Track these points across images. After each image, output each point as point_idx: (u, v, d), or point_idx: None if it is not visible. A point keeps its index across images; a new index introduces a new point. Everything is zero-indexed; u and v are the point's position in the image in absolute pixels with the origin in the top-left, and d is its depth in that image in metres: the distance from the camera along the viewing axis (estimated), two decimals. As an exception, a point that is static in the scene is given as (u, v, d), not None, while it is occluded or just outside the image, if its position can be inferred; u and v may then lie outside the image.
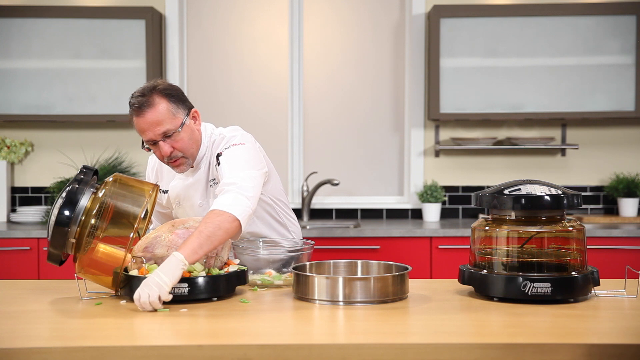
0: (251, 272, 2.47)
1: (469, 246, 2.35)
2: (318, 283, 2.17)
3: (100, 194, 2.20)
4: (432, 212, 4.56)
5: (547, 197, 2.19)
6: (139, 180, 2.33)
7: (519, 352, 1.74)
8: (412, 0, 4.66)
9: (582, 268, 2.22)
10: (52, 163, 4.72)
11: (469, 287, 2.34)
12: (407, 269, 2.26)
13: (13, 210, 4.66)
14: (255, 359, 1.74)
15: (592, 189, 4.72)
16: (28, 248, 4.11)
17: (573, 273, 2.18)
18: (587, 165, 4.71)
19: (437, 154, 4.71)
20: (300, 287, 2.21)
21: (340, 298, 2.14)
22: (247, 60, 4.84)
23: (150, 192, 2.28)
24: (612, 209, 4.71)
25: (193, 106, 2.55)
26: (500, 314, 2.05)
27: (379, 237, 4.16)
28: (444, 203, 4.72)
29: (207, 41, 4.83)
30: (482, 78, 4.45)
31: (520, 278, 2.14)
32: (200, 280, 2.18)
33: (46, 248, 2.33)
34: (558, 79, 4.43)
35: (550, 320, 1.98)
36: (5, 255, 4.12)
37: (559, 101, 4.44)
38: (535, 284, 2.12)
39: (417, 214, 4.74)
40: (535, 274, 2.16)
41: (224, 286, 2.23)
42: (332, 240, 4.13)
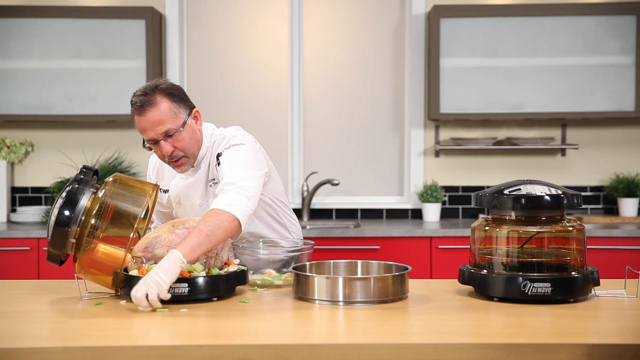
0: (251, 272, 2.47)
1: (469, 246, 2.35)
2: (318, 283, 2.17)
3: (100, 194, 2.20)
4: (432, 212, 4.56)
5: (547, 197, 2.19)
6: (139, 180, 2.33)
7: (519, 352, 1.74)
8: (412, 0, 4.66)
9: (582, 268, 2.22)
10: (52, 163, 4.72)
11: (469, 287, 2.34)
12: (407, 269, 2.26)
13: (13, 210, 4.66)
14: (255, 359, 1.73)
15: (592, 189, 4.72)
16: (28, 248, 4.11)
17: (573, 273, 2.18)
18: (587, 165, 4.71)
19: (437, 154, 4.71)
20: (300, 287, 2.21)
21: (340, 298, 2.14)
22: (247, 60, 4.84)
23: (150, 192, 2.28)
24: (612, 209, 4.71)
25: (195, 106, 2.56)
26: (500, 314, 2.05)
27: (379, 237, 4.16)
28: (444, 203, 4.72)
29: (207, 41, 4.83)
30: (482, 78, 4.45)
31: (520, 278, 2.14)
32: (200, 280, 2.18)
33: (46, 248, 2.33)
34: (558, 79, 4.43)
35: (550, 320, 1.98)
36: (5, 255, 4.12)
37: (559, 101, 4.44)
38: (535, 284, 2.12)
39: (417, 214, 4.74)
40: (535, 274, 2.16)
41: (224, 286, 2.23)
42: (332, 240, 4.13)
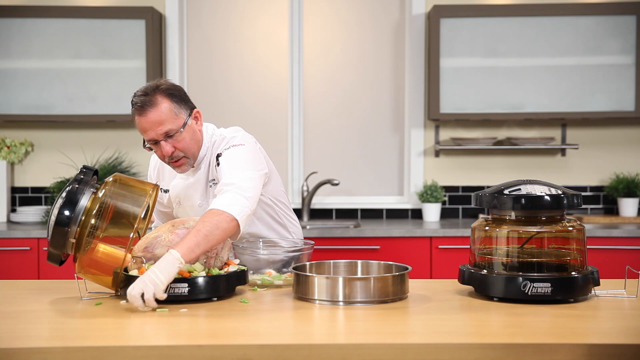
0: (251, 272, 2.47)
1: (469, 246, 2.35)
2: (318, 283, 2.17)
3: (100, 194, 2.20)
4: (432, 212, 4.56)
5: (547, 197, 2.19)
6: (139, 180, 2.33)
7: (519, 352, 1.74)
8: (412, 0, 4.66)
9: (582, 268, 2.22)
10: (52, 163, 4.72)
11: (469, 287, 2.34)
12: (407, 269, 2.26)
13: (13, 210, 4.66)
14: (255, 359, 1.73)
15: (592, 189, 4.72)
16: (28, 248, 4.11)
17: (573, 273, 2.18)
18: (587, 165, 4.71)
19: (437, 154, 4.71)
20: (300, 287, 2.21)
21: (340, 298, 2.14)
22: (247, 60, 4.84)
23: (150, 192, 2.28)
24: (612, 209, 4.71)
25: (195, 106, 2.56)
26: (500, 314, 2.05)
27: (379, 237, 4.16)
28: (444, 203, 4.72)
29: (207, 41, 4.83)
30: (482, 78, 4.45)
31: (520, 278, 2.14)
32: (200, 280, 2.18)
33: (46, 248, 2.33)
34: (558, 79, 4.43)
35: (550, 320, 1.98)
36: (5, 255, 4.12)
37: (559, 101, 4.44)
38: (535, 284, 2.12)
39: (417, 214, 4.74)
40: (535, 274, 2.16)
41: (224, 286, 2.23)
42: (332, 240, 4.13)
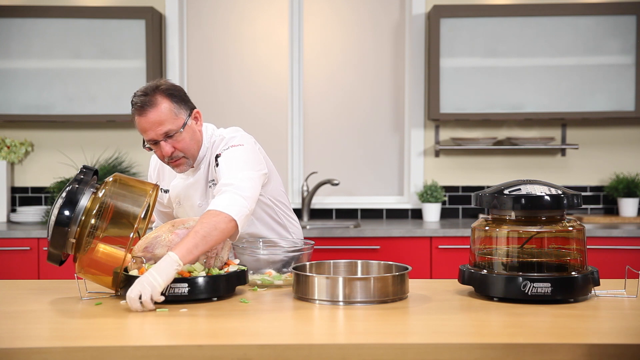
0: (251, 272, 2.47)
1: (469, 246, 2.35)
2: (318, 283, 2.17)
3: (100, 194, 2.20)
4: (432, 212, 4.56)
5: (547, 197, 2.19)
6: (139, 180, 2.33)
7: (519, 352, 1.74)
8: (412, 0, 4.66)
9: (582, 268, 2.22)
10: (52, 163, 4.72)
11: (469, 287, 2.34)
12: (407, 269, 2.26)
13: (13, 210, 4.67)
14: (255, 359, 1.73)
15: (592, 189, 4.72)
16: (28, 248, 4.11)
17: (573, 273, 2.18)
18: (587, 165, 4.71)
19: (437, 154, 4.71)
20: (300, 287, 2.21)
21: (340, 298, 2.14)
22: (247, 60, 4.84)
23: (151, 192, 2.28)
24: (612, 209, 4.71)
25: (195, 106, 2.56)
26: (500, 314, 2.05)
27: (379, 237, 4.16)
28: (444, 203, 4.72)
29: (207, 41, 4.83)
30: (482, 78, 4.45)
31: (520, 278, 2.14)
32: (200, 280, 2.18)
33: (46, 248, 2.33)
34: (558, 79, 4.43)
35: (550, 320, 1.98)
36: (5, 255, 4.12)
37: (559, 101, 4.44)
38: (535, 284, 2.12)
39: (417, 214, 4.74)
40: (535, 274, 2.16)
41: (224, 286, 2.23)
42: (332, 240, 4.13)
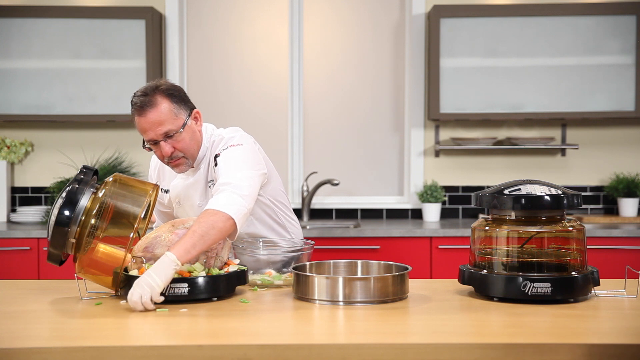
0: (251, 272, 2.47)
1: (469, 246, 2.35)
2: (318, 283, 2.17)
3: (100, 194, 2.20)
4: (432, 212, 4.56)
5: (547, 197, 2.19)
6: (139, 180, 2.33)
7: (519, 352, 1.74)
8: (412, 0, 4.66)
9: (582, 268, 2.22)
10: (52, 163, 4.72)
11: (469, 287, 2.34)
12: (407, 269, 2.26)
13: (13, 210, 4.66)
14: (255, 359, 1.73)
15: (592, 189, 4.72)
16: (28, 248, 4.11)
17: (573, 273, 2.18)
18: (587, 165, 4.71)
19: (437, 154, 4.71)
20: (300, 287, 2.21)
21: (340, 298, 2.14)
22: (247, 60, 4.84)
23: (150, 192, 2.28)
24: (612, 209, 4.71)
25: (195, 106, 2.56)
26: (500, 314, 2.05)
27: (379, 237, 4.16)
28: (444, 203, 4.72)
29: (207, 41, 4.83)
30: (482, 78, 4.45)
31: (520, 278, 2.14)
32: (200, 280, 2.18)
33: (46, 248, 2.33)
34: (558, 79, 4.43)
35: (550, 320, 1.98)
36: (5, 255, 4.12)
37: (559, 101, 4.44)
38: (535, 284, 2.12)
39: (417, 214, 4.74)
40: (535, 274, 2.16)
41: (224, 286, 2.23)
42: (332, 240, 4.13)
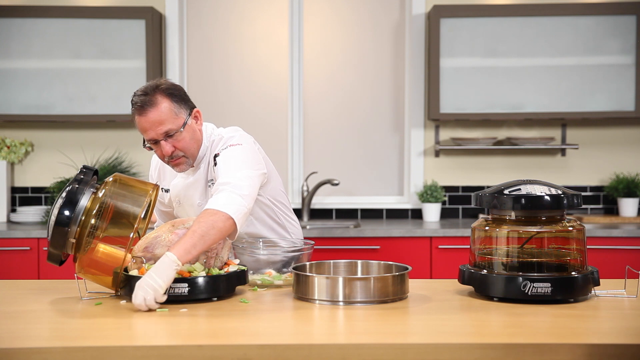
0: (251, 272, 2.47)
1: (469, 246, 2.35)
2: (318, 283, 2.17)
3: (100, 194, 2.20)
4: (432, 212, 4.56)
5: (547, 197, 2.19)
6: (139, 180, 2.33)
7: (519, 352, 1.74)
8: (412, 0, 4.66)
9: (582, 268, 2.22)
10: (52, 163, 4.72)
11: (469, 287, 2.34)
12: (407, 269, 2.26)
13: (13, 210, 4.66)
14: (255, 359, 1.73)
15: (592, 189, 4.72)
16: (28, 248, 4.11)
17: (573, 273, 2.18)
18: (587, 165, 4.71)
19: (437, 154, 4.71)
20: (300, 287, 2.21)
21: (340, 298, 2.14)
22: (247, 60, 4.84)
23: (151, 192, 2.28)
24: (612, 209, 4.71)
25: (195, 106, 2.56)
26: (500, 314, 2.05)
27: (379, 237, 4.16)
28: (444, 203, 4.72)
29: (207, 41, 4.83)
30: (482, 78, 4.45)
31: (520, 278, 2.14)
32: (200, 280, 2.18)
33: (46, 248, 2.33)
34: (558, 79, 4.43)
35: (550, 320, 1.98)
36: (5, 255, 4.12)
37: (559, 101, 4.44)
38: (535, 284, 2.12)
39: (417, 214, 4.74)
40: (535, 274, 2.16)
41: (224, 286, 2.23)
42: (332, 240, 4.13)
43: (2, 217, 4.56)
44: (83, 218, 2.17)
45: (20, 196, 4.73)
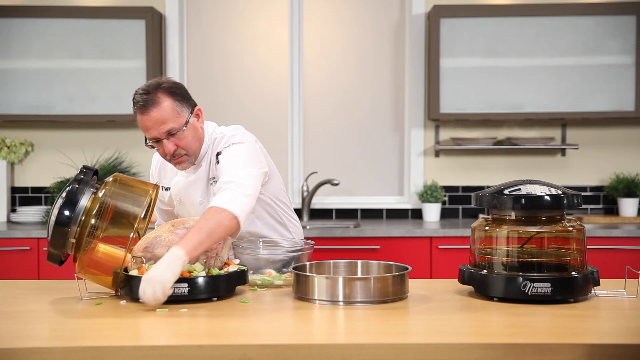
0: (251, 272, 2.46)
1: (469, 246, 2.35)
2: (318, 283, 2.17)
3: (100, 194, 2.20)
4: (432, 212, 4.56)
5: (547, 197, 2.19)
6: (139, 180, 2.33)
7: (519, 352, 1.74)
8: (412, 0, 4.66)
9: (582, 268, 2.22)
10: (52, 163, 4.72)
11: (469, 287, 2.33)
12: (407, 269, 2.26)
13: (13, 210, 4.66)
14: (255, 359, 1.73)
15: (592, 189, 4.72)
16: (28, 248, 4.11)
17: (573, 273, 2.18)
18: (587, 165, 4.71)
19: (437, 154, 4.71)
20: (300, 287, 2.21)
21: (340, 298, 2.14)
22: (247, 60, 4.84)
23: (151, 192, 2.28)
24: (612, 209, 4.71)
25: (196, 104, 2.56)
26: (500, 314, 2.05)
27: (379, 237, 4.16)
28: (444, 203, 4.72)
29: (207, 41, 4.83)
30: (482, 78, 4.45)
31: (520, 278, 2.14)
32: (200, 280, 2.18)
33: (46, 248, 2.33)
34: (558, 79, 4.43)
35: (550, 320, 1.98)
36: (5, 255, 4.12)
37: (559, 101, 4.44)
38: (535, 284, 2.12)
39: (417, 214, 4.74)
40: (535, 274, 2.16)
41: (224, 286, 2.23)
42: (332, 240, 4.13)
43: (2, 217, 4.56)
44: (83, 218, 2.17)
45: (20, 196, 4.73)
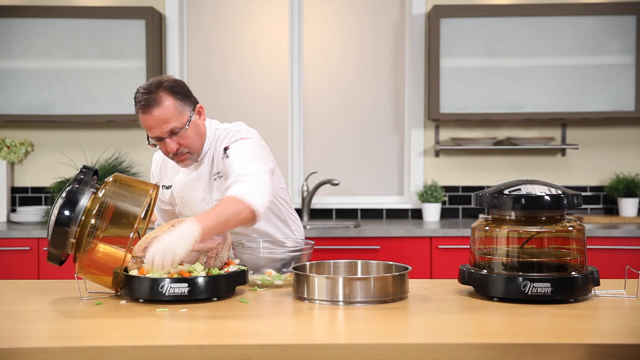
0: (251, 272, 2.47)
1: (469, 246, 2.35)
2: (318, 283, 2.17)
3: (100, 194, 2.20)
4: (432, 212, 4.56)
5: (547, 197, 2.19)
6: (139, 180, 2.33)
7: (519, 352, 1.74)
8: (412, 0, 4.66)
9: (582, 268, 2.22)
10: (52, 163, 4.72)
11: (469, 287, 2.33)
12: (407, 269, 2.26)
13: (13, 210, 4.66)
14: (255, 359, 1.73)
15: (592, 189, 4.72)
16: (28, 248, 4.11)
17: (573, 273, 2.18)
18: (587, 165, 4.71)
19: (437, 154, 4.71)
20: (300, 287, 2.21)
21: (340, 298, 2.14)
22: (247, 60, 4.84)
23: (151, 192, 2.28)
24: (612, 209, 4.71)
25: (198, 101, 2.57)
26: (500, 314, 2.05)
27: (379, 237, 4.16)
28: (444, 203, 4.72)
29: (207, 41, 4.83)
30: (482, 78, 4.45)
31: (520, 278, 2.14)
32: (200, 280, 2.18)
33: (46, 248, 2.33)
34: (558, 79, 4.43)
35: (550, 320, 1.98)
36: (5, 255, 4.12)
37: (559, 101, 4.44)
38: (535, 284, 2.12)
39: (417, 214, 4.74)
40: (535, 274, 2.16)
41: (224, 286, 2.23)
42: (332, 240, 4.13)
43: (2, 217, 4.56)
44: (83, 218, 2.17)
45: (20, 196, 4.73)
